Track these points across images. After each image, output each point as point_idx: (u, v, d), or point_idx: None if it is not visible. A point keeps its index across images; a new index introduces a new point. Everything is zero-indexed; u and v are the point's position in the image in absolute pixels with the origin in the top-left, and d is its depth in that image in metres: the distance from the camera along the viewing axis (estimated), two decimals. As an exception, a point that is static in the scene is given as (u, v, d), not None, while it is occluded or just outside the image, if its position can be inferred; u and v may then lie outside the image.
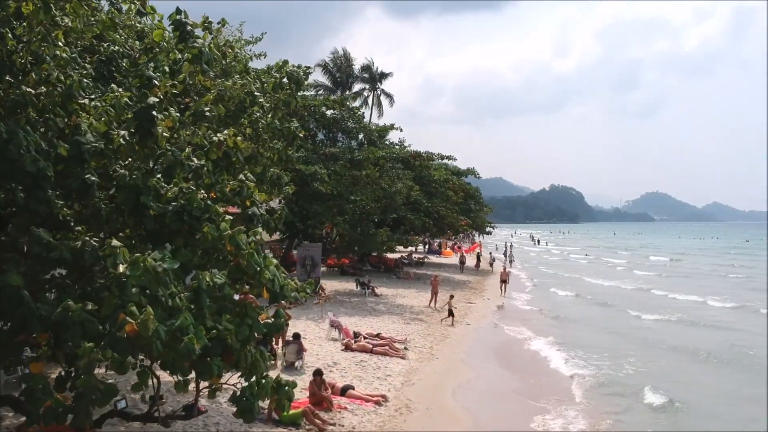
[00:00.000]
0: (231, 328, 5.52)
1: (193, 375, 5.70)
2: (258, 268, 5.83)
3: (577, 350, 18.62)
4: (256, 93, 9.74)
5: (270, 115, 10.75)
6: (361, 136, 27.38)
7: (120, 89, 7.59)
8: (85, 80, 9.04)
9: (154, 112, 6.06)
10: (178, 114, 6.66)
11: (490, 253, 53.55)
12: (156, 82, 6.48)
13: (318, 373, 11.48)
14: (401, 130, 34.31)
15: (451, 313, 21.74)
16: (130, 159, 6.88)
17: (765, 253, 71.04)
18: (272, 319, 6.04)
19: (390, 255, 39.60)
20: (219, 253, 5.96)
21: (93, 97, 7.85)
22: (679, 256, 70.91)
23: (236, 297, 6.17)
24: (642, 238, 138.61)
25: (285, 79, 10.47)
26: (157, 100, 6.19)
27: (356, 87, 59.88)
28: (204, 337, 5.10)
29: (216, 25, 10.99)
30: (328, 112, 26.16)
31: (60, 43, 7.08)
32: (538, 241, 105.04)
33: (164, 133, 6.55)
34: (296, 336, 14.02)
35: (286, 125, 9.86)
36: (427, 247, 62.99)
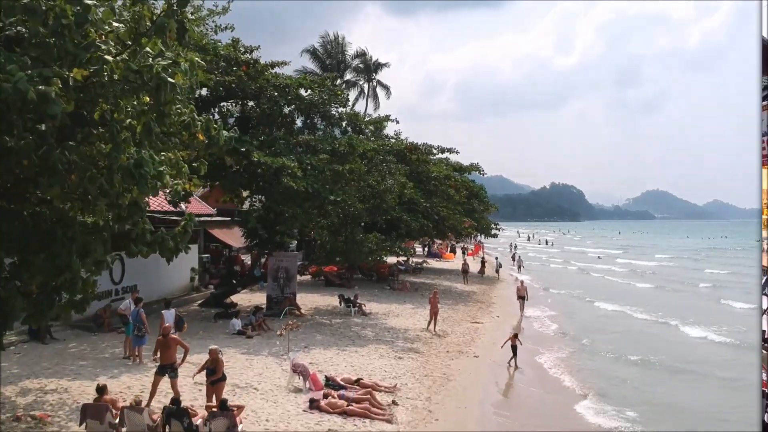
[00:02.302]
0: None
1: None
2: None
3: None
4: (89, 2, 5.15)
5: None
6: (344, 123, 22.71)
7: None
8: None
9: None
10: None
11: (496, 258, 48.76)
12: None
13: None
14: (397, 122, 29.64)
15: (515, 353, 17.34)
16: None
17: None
18: None
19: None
20: None
21: None
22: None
23: None
24: (648, 238, 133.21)
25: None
26: None
27: (349, 76, 55.09)
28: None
29: None
30: (305, 93, 21.40)
31: None
32: (546, 242, 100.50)
33: None
34: (224, 405, 9.41)
35: (147, 63, 5.20)
36: (426, 249, 58.22)
